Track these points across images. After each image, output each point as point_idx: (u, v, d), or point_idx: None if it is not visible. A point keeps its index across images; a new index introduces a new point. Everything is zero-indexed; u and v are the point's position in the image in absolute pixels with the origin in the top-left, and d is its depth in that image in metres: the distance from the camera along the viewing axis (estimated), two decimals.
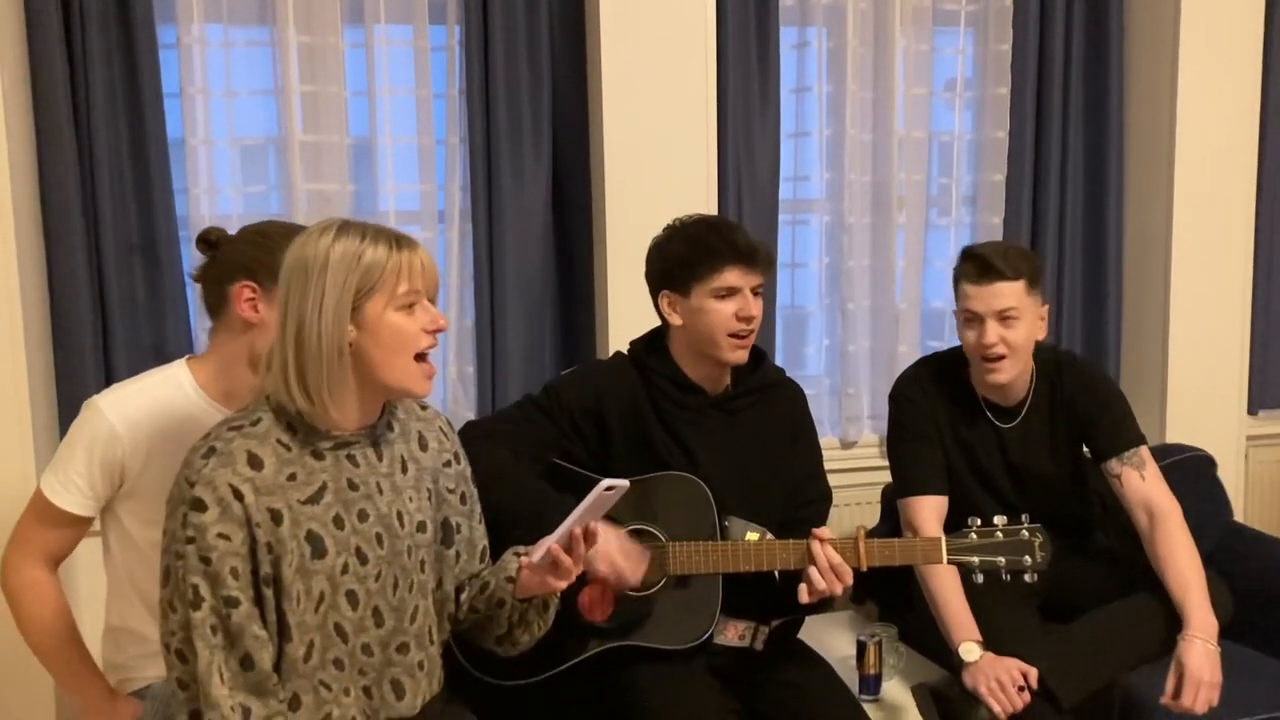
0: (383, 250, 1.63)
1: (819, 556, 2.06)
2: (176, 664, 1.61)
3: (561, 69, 3.01)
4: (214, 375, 1.94)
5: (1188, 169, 3.29)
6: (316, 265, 1.60)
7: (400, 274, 1.63)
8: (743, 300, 2.19)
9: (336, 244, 1.61)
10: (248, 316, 1.89)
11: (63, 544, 1.93)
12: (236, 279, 1.89)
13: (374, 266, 1.62)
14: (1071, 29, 3.33)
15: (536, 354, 3.05)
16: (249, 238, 1.92)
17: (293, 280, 1.62)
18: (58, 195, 2.64)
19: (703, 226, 2.26)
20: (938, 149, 3.38)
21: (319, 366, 1.61)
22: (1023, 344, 2.43)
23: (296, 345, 1.61)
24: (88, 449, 1.88)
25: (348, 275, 1.60)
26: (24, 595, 1.91)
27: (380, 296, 1.63)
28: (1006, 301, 2.39)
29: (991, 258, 2.40)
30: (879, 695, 2.49)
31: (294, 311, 1.61)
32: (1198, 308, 3.34)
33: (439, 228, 3.00)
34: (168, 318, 2.78)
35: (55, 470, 1.90)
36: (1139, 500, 2.45)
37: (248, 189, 2.89)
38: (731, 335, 2.20)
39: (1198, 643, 2.26)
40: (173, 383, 1.94)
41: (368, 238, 1.63)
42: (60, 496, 1.89)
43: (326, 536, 1.65)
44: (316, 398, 1.63)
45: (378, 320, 1.63)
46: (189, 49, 2.75)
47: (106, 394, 1.93)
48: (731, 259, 2.19)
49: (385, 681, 1.74)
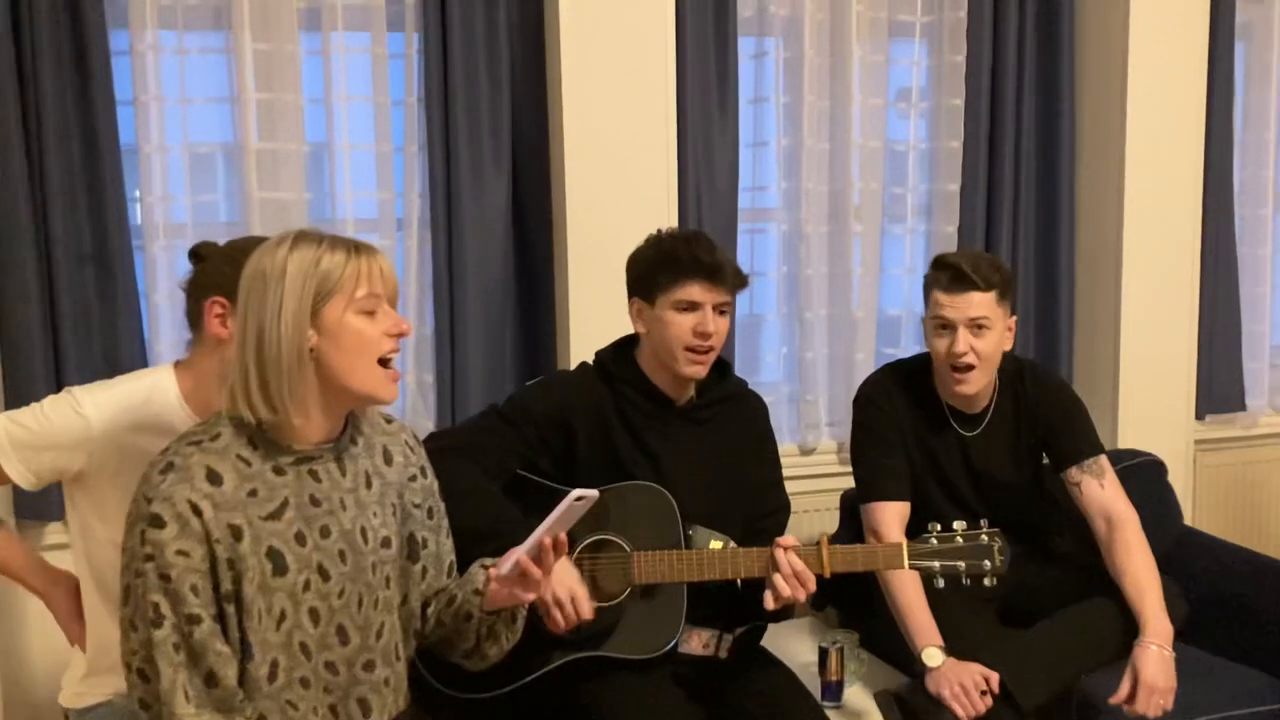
0: (340, 255, 1.63)
1: (782, 563, 2.07)
2: (139, 683, 1.58)
3: (521, 77, 3.00)
4: (194, 386, 1.92)
5: (1137, 179, 3.34)
6: (275, 274, 1.60)
7: (359, 278, 1.63)
8: (702, 316, 2.20)
9: (294, 252, 1.61)
10: (217, 332, 1.87)
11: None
12: (209, 294, 1.87)
13: (331, 271, 1.61)
14: (1024, 41, 3.38)
15: (497, 362, 3.03)
16: (225, 254, 1.90)
17: (251, 290, 1.61)
18: (6, 203, 2.58)
19: (677, 239, 2.27)
20: (893, 158, 3.41)
21: (279, 373, 1.60)
22: (991, 354, 2.45)
23: (257, 353, 1.60)
24: (53, 436, 1.84)
25: (305, 281, 1.60)
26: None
27: (339, 300, 1.62)
28: (978, 311, 2.41)
29: (964, 267, 2.41)
30: (841, 702, 2.50)
31: (253, 320, 1.60)
32: (1147, 315, 3.39)
33: (398, 235, 2.97)
34: (121, 329, 2.72)
35: (11, 435, 1.85)
36: (1098, 508, 2.49)
37: (202, 197, 2.84)
38: (688, 349, 2.21)
39: (1153, 649, 2.30)
40: (158, 389, 1.92)
41: (324, 244, 1.63)
42: (7, 457, 1.85)
43: (288, 553, 1.64)
44: (280, 405, 1.61)
45: (338, 324, 1.62)
46: (142, 56, 2.70)
47: (92, 392, 1.89)
48: (694, 273, 2.19)
49: (351, 700, 1.72)
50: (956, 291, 2.42)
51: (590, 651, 2.17)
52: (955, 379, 2.46)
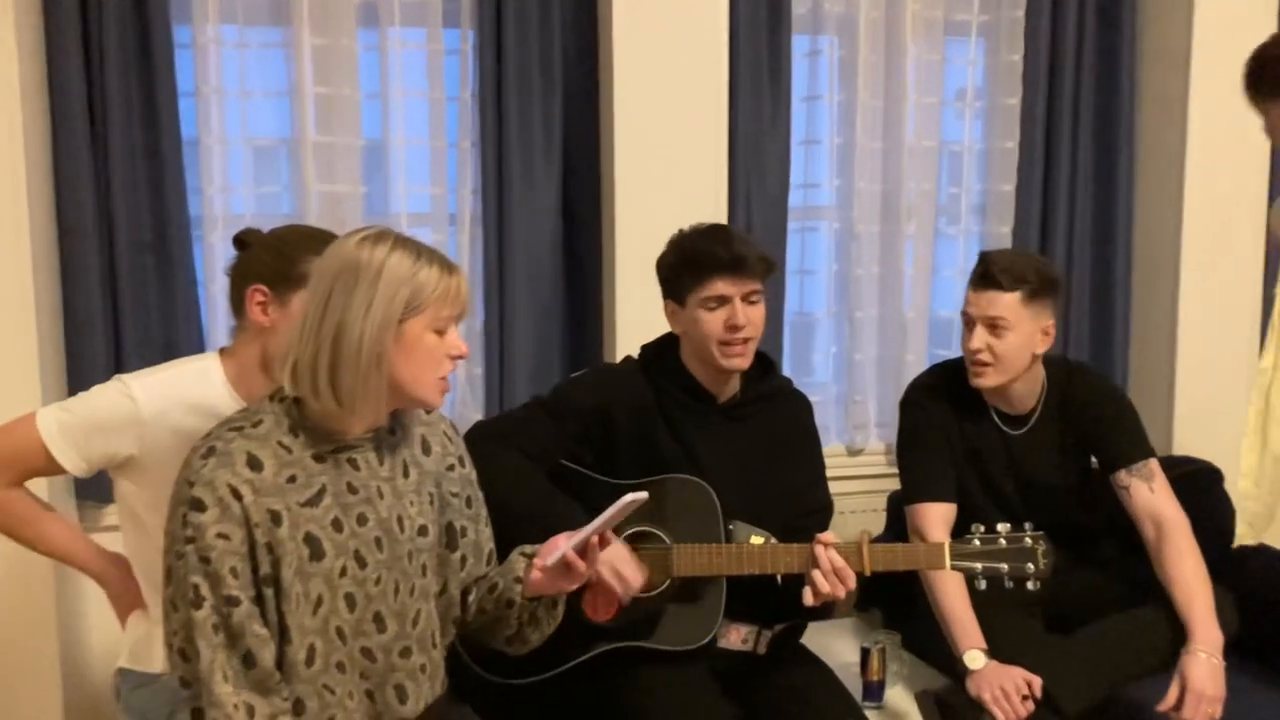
0: (435, 272, 1.64)
1: (822, 559, 2.06)
2: (180, 663, 1.62)
3: (573, 74, 3.03)
4: (239, 373, 1.95)
5: (1198, 181, 3.28)
6: (370, 271, 1.61)
7: (446, 298, 1.65)
8: (731, 310, 2.19)
9: (392, 255, 1.62)
10: (258, 320, 1.90)
11: (37, 474, 1.94)
12: (250, 282, 1.90)
13: (425, 285, 1.63)
14: (1083, 40, 3.33)
15: (545, 357, 3.06)
16: (268, 242, 1.93)
17: (340, 280, 1.62)
18: (72, 193, 2.66)
19: (695, 236, 2.25)
20: (947, 158, 3.39)
21: (355, 371, 1.62)
22: (1010, 355, 2.43)
23: (334, 345, 1.61)
24: (103, 424, 1.88)
25: (399, 289, 1.62)
26: (1, 511, 1.94)
27: (424, 317, 1.64)
28: (996, 311, 2.41)
29: (993, 266, 2.41)
30: (882, 702, 2.49)
31: (336, 310, 1.61)
32: (1206, 320, 3.33)
33: (450, 230, 3.01)
34: (179, 317, 2.79)
35: (61, 423, 1.89)
36: (1146, 512, 2.45)
37: (260, 189, 2.90)
38: (723, 344, 2.21)
39: (1201, 656, 2.26)
40: (204, 374, 1.94)
41: (422, 257, 1.64)
42: (58, 446, 1.88)
43: (325, 539, 1.66)
44: (346, 400, 1.63)
45: (415, 339, 1.65)
46: (204, 49, 2.76)
47: (141, 377, 1.92)
48: (717, 269, 2.18)
49: (388, 686, 1.75)
50: (980, 289, 2.44)
51: (629, 642, 2.18)
52: (972, 372, 2.48)
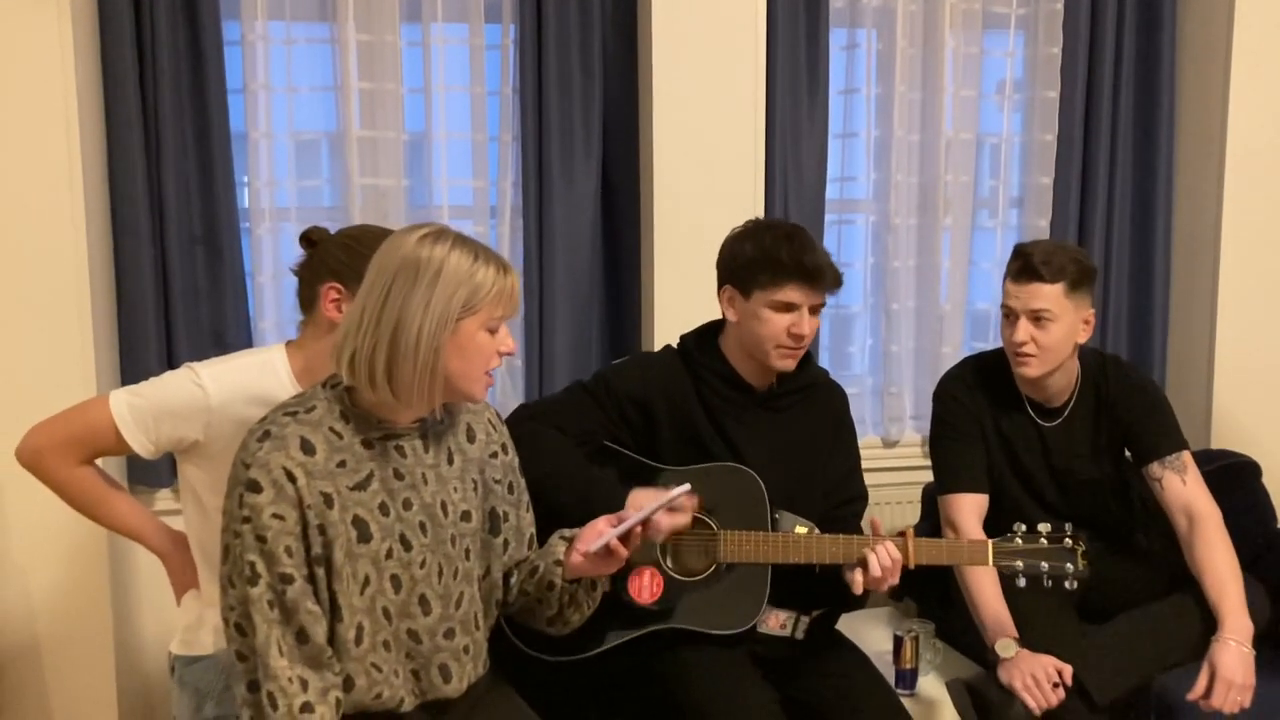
0: (492, 273, 1.68)
1: (882, 554, 2.08)
2: (236, 637, 1.68)
3: (613, 68, 3.06)
4: (304, 366, 1.99)
5: (1239, 174, 3.27)
6: (430, 270, 1.65)
7: (500, 299, 1.70)
8: (798, 317, 2.20)
9: (452, 254, 1.66)
10: (332, 317, 1.94)
11: (107, 453, 2.00)
12: (325, 280, 1.94)
13: (483, 285, 1.67)
14: (1123, 33, 3.32)
15: (584, 347, 3.10)
16: (342, 241, 1.97)
17: (400, 275, 1.65)
18: (126, 186, 2.73)
19: (779, 235, 2.23)
20: (986, 151, 3.39)
21: (412, 365, 1.66)
22: (1054, 346, 2.44)
23: (392, 339, 1.65)
24: (172, 410, 1.92)
25: (458, 288, 1.66)
26: (70, 488, 2.00)
27: (479, 316, 1.68)
28: (1040, 303, 2.40)
29: (1034, 258, 2.41)
30: (915, 690, 2.52)
31: (395, 305, 1.65)
32: (1246, 314, 3.32)
33: (490, 223, 3.06)
34: (228, 307, 2.86)
35: (132, 406, 1.94)
36: (1179, 504, 2.45)
37: (306, 182, 2.96)
38: (780, 347, 2.23)
39: (1231, 644, 2.26)
40: (270, 367, 1.99)
41: (480, 258, 1.68)
42: (128, 428, 1.93)
43: (372, 522, 1.72)
44: (404, 394, 1.68)
45: (469, 337, 1.69)
46: (252, 45, 2.83)
47: (210, 366, 1.97)
48: (796, 276, 2.19)
49: (433, 666, 1.80)
50: (1022, 281, 2.42)
51: (671, 624, 2.22)
52: (1016, 362, 2.47)
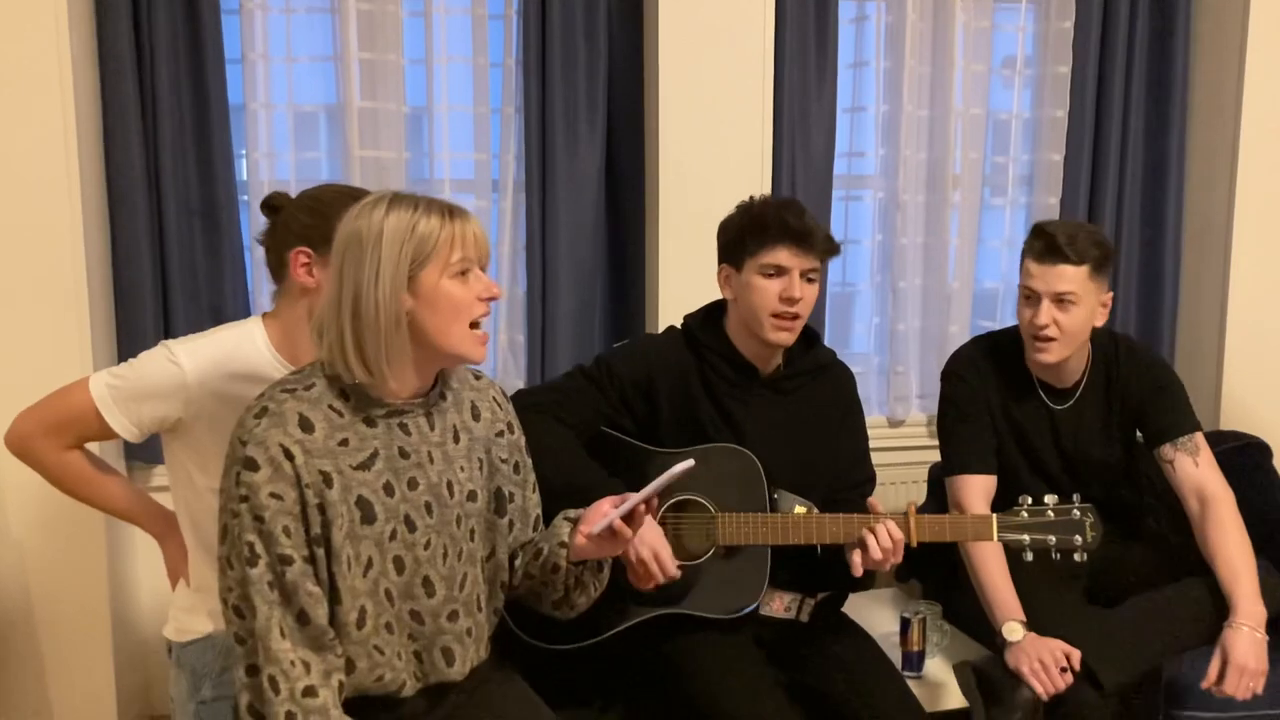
0: (435, 220, 1.65)
1: (881, 533, 2.07)
2: (235, 619, 1.65)
3: (618, 40, 3.01)
4: (282, 336, 1.97)
5: (1253, 152, 3.23)
6: (371, 238, 1.62)
7: (453, 243, 1.66)
8: (789, 282, 2.18)
9: (390, 216, 1.63)
10: (303, 282, 1.91)
11: (93, 438, 1.98)
12: (292, 245, 1.91)
13: (428, 236, 1.64)
14: (1136, 7, 3.27)
15: (587, 323, 3.07)
16: (304, 204, 1.93)
17: (348, 253, 1.64)
18: (122, 157, 2.69)
19: (767, 204, 2.26)
20: (995, 127, 3.35)
21: (377, 337, 1.63)
22: (1077, 329, 2.40)
23: (354, 317, 1.63)
24: (151, 390, 1.90)
25: (402, 245, 1.63)
26: (62, 472, 1.99)
27: (435, 265, 1.65)
28: (1065, 285, 2.37)
29: (1059, 238, 2.36)
30: (922, 672, 2.49)
31: (350, 283, 1.63)
32: (1257, 294, 3.29)
33: (493, 197, 3.02)
34: (226, 280, 2.82)
35: (112, 388, 1.92)
36: (1191, 486, 2.43)
37: (304, 154, 2.92)
38: (775, 315, 2.20)
39: (1244, 630, 2.24)
40: (247, 339, 1.96)
41: (420, 208, 1.65)
42: (109, 411, 1.91)
43: (376, 503, 1.68)
44: (375, 369, 1.65)
45: (433, 289, 1.65)
46: (251, 14, 2.78)
47: (185, 342, 1.94)
48: (782, 237, 2.18)
49: (436, 648, 1.77)
50: (1047, 263, 2.38)
51: (673, 609, 2.20)
52: (1036, 347, 2.43)
